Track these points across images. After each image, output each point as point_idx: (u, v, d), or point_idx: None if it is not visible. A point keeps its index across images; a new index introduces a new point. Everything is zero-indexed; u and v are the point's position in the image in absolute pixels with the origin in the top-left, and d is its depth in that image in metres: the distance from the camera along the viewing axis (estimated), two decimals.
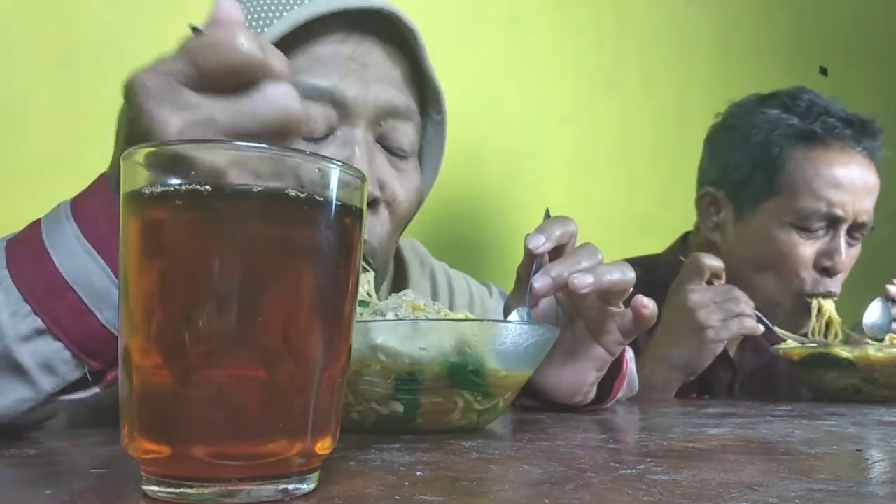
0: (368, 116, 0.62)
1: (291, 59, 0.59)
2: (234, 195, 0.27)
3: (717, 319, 0.92)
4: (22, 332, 0.44)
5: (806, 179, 1.05)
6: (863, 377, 0.88)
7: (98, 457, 0.41)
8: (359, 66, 0.62)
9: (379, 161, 0.64)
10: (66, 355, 0.45)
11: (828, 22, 2.09)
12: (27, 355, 0.44)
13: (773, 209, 1.07)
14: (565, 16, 1.48)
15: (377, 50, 0.63)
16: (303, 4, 0.61)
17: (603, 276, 0.57)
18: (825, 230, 1.06)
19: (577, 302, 0.62)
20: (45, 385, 0.45)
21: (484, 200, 1.34)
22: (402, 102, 0.64)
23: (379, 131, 0.64)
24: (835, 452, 0.43)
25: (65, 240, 0.46)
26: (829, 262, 1.05)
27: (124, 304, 0.29)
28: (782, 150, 1.07)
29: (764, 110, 1.10)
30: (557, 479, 0.33)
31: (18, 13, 0.87)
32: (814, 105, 1.08)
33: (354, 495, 0.29)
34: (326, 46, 0.61)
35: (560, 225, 0.61)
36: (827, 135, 1.05)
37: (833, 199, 1.04)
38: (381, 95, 0.62)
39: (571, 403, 0.65)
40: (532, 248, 0.59)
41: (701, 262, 0.95)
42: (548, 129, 1.44)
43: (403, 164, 0.66)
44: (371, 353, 0.46)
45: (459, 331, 0.47)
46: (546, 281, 0.57)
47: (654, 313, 0.61)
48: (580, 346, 0.63)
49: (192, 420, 0.27)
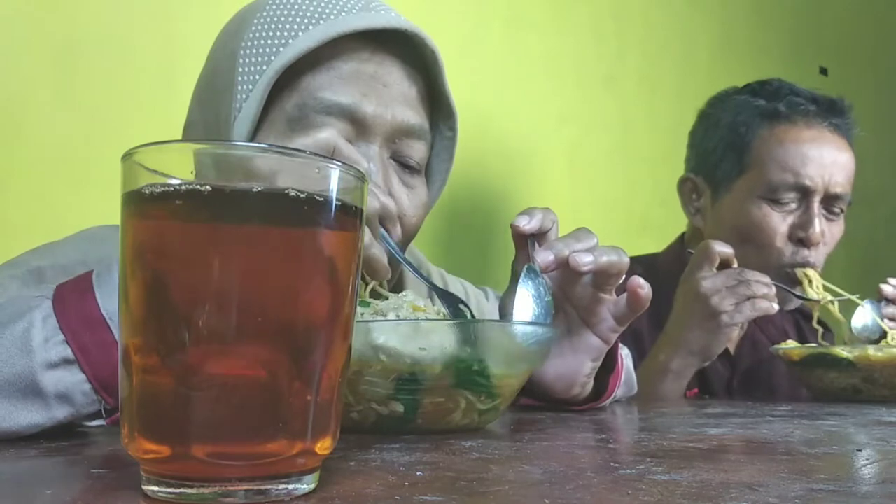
0: (385, 134, 0.64)
1: (315, 74, 0.61)
2: (234, 195, 0.27)
3: (730, 304, 0.93)
4: (51, 358, 0.45)
5: (772, 153, 1.08)
6: (863, 377, 0.88)
7: (98, 457, 0.41)
8: (380, 86, 0.63)
9: (392, 178, 0.65)
10: (85, 388, 0.46)
11: (828, 22, 2.10)
12: (50, 382, 0.45)
13: (745, 185, 1.10)
14: (564, 15, 1.48)
15: (397, 69, 0.64)
16: (328, 20, 0.61)
17: (601, 257, 0.59)
18: (797, 203, 1.08)
19: (570, 289, 0.62)
20: (58, 414, 0.46)
21: (483, 200, 1.34)
22: (417, 122, 0.65)
23: (393, 148, 0.65)
24: (835, 452, 0.43)
25: (111, 281, 0.47)
26: (804, 233, 1.07)
27: (124, 305, 0.29)
28: (749, 129, 1.11)
29: (734, 97, 1.16)
30: (557, 479, 0.33)
31: (18, 13, 0.87)
32: (782, 87, 1.12)
33: (354, 495, 0.29)
34: (349, 63, 0.62)
35: (541, 210, 0.62)
36: (792, 111, 1.09)
37: (800, 170, 1.06)
38: (398, 115, 0.64)
39: (569, 397, 0.65)
40: (518, 226, 0.60)
41: (712, 249, 0.96)
42: (546, 129, 1.45)
43: (413, 179, 0.67)
44: (372, 354, 0.46)
45: (461, 331, 0.47)
46: (548, 256, 0.58)
47: (650, 295, 0.61)
48: (575, 337, 0.63)
49: (192, 420, 0.27)
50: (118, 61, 0.94)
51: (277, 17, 0.62)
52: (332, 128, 0.58)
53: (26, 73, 0.87)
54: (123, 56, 0.94)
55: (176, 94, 0.96)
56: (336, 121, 0.61)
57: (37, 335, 0.45)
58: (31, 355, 0.44)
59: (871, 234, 1.12)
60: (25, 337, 0.45)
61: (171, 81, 0.96)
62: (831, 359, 0.90)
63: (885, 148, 1.12)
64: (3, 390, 0.44)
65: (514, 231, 0.61)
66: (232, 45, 0.64)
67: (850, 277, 1.15)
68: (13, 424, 0.45)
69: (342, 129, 0.62)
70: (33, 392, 0.45)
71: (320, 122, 0.60)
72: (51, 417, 0.46)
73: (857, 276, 1.18)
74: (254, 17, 0.64)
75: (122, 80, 0.94)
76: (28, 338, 0.45)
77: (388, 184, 0.64)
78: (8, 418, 0.45)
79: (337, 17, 0.62)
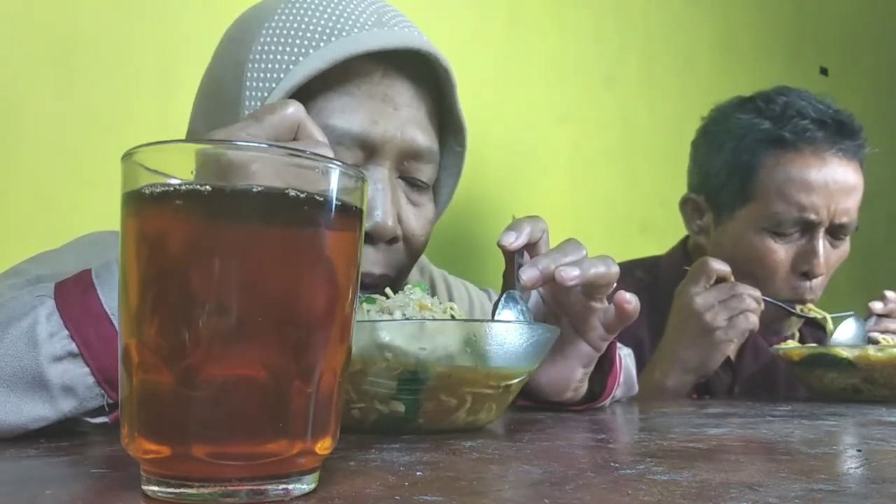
0: (394, 157, 0.64)
1: (326, 96, 0.61)
2: (234, 195, 0.27)
3: (723, 319, 0.93)
4: (56, 352, 0.46)
5: (777, 185, 1.04)
6: (863, 377, 0.88)
7: (98, 457, 0.41)
8: (390, 109, 0.63)
9: (400, 199, 0.65)
10: (89, 381, 0.47)
11: (828, 22, 2.09)
12: (55, 375, 0.46)
13: (748, 216, 1.07)
14: (565, 15, 1.48)
15: (407, 89, 0.64)
16: (340, 38, 0.60)
17: (588, 269, 0.58)
18: (800, 234, 1.05)
19: (561, 298, 0.63)
20: (64, 406, 0.47)
21: (483, 200, 1.34)
22: (426, 145, 0.65)
23: (401, 168, 0.65)
24: (835, 452, 0.43)
25: (111, 278, 0.48)
26: (807, 266, 1.04)
27: (124, 305, 0.29)
28: (753, 157, 1.06)
29: (739, 115, 1.10)
30: (557, 479, 0.33)
31: (18, 13, 0.87)
32: (788, 108, 1.06)
33: (354, 495, 0.29)
34: (361, 87, 0.62)
35: (529, 222, 0.61)
36: (798, 139, 1.03)
37: (805, 203, 1.02)
38: (407, 138, 0.64)
39: (562, 400, 0.66)
40: (505, 245, 0.59)
41: (709, 266, 0.95)
42: (547, 129, 1.44)
43: (420, 196, 0.68)
44: (377, 352, 0.46)
45: (465, 331, 0.48)
46: (533, 273, 0.58)
47: (637, 308, 0.61)
48: (566, 344, 0.64)
49: (192, 420, 0.27)
50: (118, 61, 0.94)
51: (287, 31, 0.61)
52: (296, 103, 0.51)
53: (27, 73, 0.87)
54: (123, 56, 0.94)
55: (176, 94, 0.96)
56: (346, 150, 0.61)
57: (42, 330, 0.46)
58: (37, 349, 0.45)
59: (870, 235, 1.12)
60: (31, 332, 0.46)
61: (171, 81, 0.96)
62: (831, 359, 0.90)
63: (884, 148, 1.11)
64: (11, 384, 0.45)
65: (502, 249, 0.60)
66: (238, 55, 0.62)
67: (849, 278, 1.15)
68: (20, 418, 0.46)
69: (353, 156, 0.62)
70: (39, 385, 0.46)
71: None
72: (56, 410, 0.46)
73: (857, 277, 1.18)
74: (261, 26, 0.62)
75: (122, 80, 0.94)
76: (34, 333, 0.46)
77: (396, 205, 0.64)
78: (15, 412, 0.45)
79: (349, 34, 0.61)
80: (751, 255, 1.06)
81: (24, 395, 0.46)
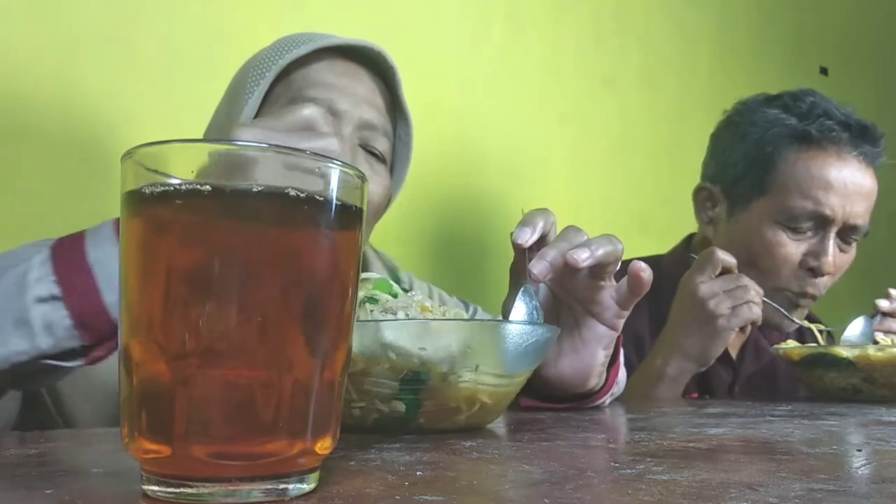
0: (354, 125, 0.76)
1: (302, 75, 0.76)
2: (234, 195, 0.27)
3: (726, 308, 0.93)
4: (41, 293, 0.52)
5: (797, 180, 1.05)
6: (863, 377, 0.88)
7: (98, 457, 0.41)
8: (352, 86, 0.77)
9: (359, 157, 0.77)
10: (67, 323, 0.53)
11: (828, 22, 2.10)
12: (37, 314, 0.52)
13: (764, 208, 1.07)
14: (565, 15, 1.48)
15: (367, 79, 0.79)
16: (314, 41, 0.76)
17: (597, 249, 0.60)
18: (814, 231, 1.06)
19: (570, 284, 0.64)
20: (42, 344, 0.52)
21: (483, 200, 1.34)
22: (380, 122, 0.79)
23: (360, 135, 0.77)
24: (835, 452, 0.43)
25: (100, 232, 0.56)
26: (815, 263, 1.05)
27: (124, 304, 0.29)
28: (776, 150, 1.07)
29: (765, 109, 1.11)
30: (557, 479, 0.33)
31: (18, 13, 0.87)
32: (815, 107, 1.07)
33: (354, 495, 0.29)
34: (329, 71, 0.77)
35: (541, 216, 0.63)
36: (823, 137, 1.05)
37: (822, 199, 1.03)
38: (365, 113, 0.77)
39: (586, 390, 0.67)
40: (521, 243, 0.61)
41: (716, 256, 0.96)
42: (547, 129, 1.45)
43: (377, 165, 0.79)
44: (381, 351, 0.46)
45: (467, 331, 0.48)
46: (543, 265, 0.59)
47: (651, 277, 0.62)
48: (583, 329, 0.65)
49: (192, 420, 0.27)
50: (118, 61, 0.94)
51: (277, 45, 0.79)
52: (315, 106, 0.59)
53: (27, 72, 0.87)
54: (123, 56, 0.94)
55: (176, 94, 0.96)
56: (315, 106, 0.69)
57: (32, 274, 0.53)
58: (25, 290, 0.52)
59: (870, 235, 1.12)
60: (24, 276, 0.53)
61: (171, 81, 0.96)
62: (831, 359, 0.90)
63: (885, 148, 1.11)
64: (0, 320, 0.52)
65: (515, 245, 0.62)
66: (243, 71, 0.80)
67: (850, 278, 1.14)
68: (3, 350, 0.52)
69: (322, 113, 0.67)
70: (23, 322, 0.52)
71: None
72: (35, 346, 0.52)
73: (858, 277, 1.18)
74: (259, 51, 0.81)
75: (122, 80, 0.94)
76: (26, 276, 0.53)
77: (354, 160, 0.75)
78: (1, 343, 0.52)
79: (321, 39, 0.78)
80: (762, 248, 1.07)
81: (9, 330, 0.52)
